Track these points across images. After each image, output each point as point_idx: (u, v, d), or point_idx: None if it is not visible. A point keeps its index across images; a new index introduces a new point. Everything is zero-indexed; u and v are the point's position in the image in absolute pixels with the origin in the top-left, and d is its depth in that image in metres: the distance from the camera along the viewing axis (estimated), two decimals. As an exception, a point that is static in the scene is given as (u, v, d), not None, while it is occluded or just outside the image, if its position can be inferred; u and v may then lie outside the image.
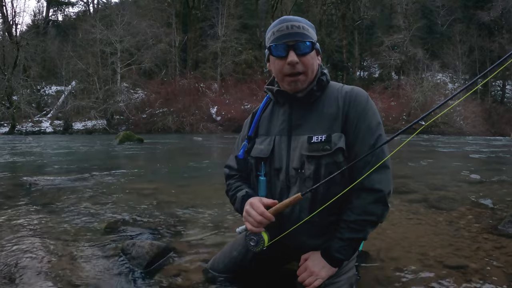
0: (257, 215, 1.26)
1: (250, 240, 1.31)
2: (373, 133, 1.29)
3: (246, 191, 1.41)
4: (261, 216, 1.26)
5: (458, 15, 33.92)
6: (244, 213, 1.32)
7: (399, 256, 1.83)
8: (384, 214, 1.31)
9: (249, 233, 1.31)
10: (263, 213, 1.26)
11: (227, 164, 1.58)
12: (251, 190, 1.42)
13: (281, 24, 1.31)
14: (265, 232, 1.31)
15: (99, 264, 1.74)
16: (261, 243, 1.30)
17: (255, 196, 1.35)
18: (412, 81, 27.30)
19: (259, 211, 1.26)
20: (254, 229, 1.28)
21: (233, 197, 1.46)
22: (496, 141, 14.92)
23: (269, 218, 1.26)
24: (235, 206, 1.46)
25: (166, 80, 28.80)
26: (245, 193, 1.40)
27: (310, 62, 1.32)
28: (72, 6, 41.64)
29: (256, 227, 1.27)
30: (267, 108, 1.50)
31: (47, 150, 9.89)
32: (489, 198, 3.06)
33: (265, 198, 1.32)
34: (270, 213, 1.27)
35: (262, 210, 1.26)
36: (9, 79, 24.71)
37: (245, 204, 1.33)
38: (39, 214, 2.66)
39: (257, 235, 1.30)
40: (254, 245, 1.31)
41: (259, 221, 1.26)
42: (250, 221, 1.28)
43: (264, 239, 1.30)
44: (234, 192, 1.47)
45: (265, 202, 1.29)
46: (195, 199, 3.23)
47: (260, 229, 1.28)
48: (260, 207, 1.27)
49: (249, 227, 1.29)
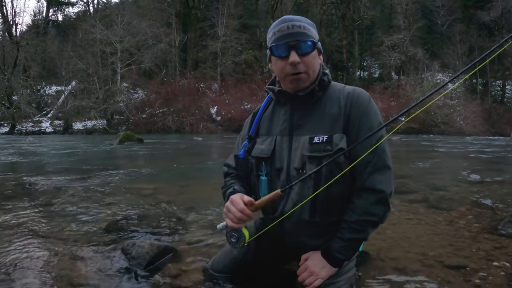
0: (237, 211, 1.25)
1: (231, 236, 1.31)
2: (375, 133, 1.30)
3: (234, 188, 1.41)
4: (241, 212, 1.25)
5: (458, 15, 33.91)
6: (224, 209, 1.32)
7: (399, 256, 1.83)
8: (385, 215, 1.30)
9: (230, 229, 1.31)
10: (243, 210, 1.25)
11: (226, 162, 1.59)
12: (241, 188, 1.42)
13: (282, 24, 1.30)
14: (245, 228, 1.31)
15: (99, 264, 1.74)
16: (242, 239, 1.30)
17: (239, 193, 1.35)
18: (412, 81, 27.29)
19: (239, 207, 1.25)
20: (234, 225, 1.27)
21: (224, 194, 1.47)
22: (496, 141, 14.92)
23: (248, 215, 1.26)
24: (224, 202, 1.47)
25: (166, 80, 28.78)
26: (232, 190, 1.40)
27: (311, 61, 1.31)
28: (72, 6, 41.68)
29: (236, 223, 1.27)
30: (268, 108, 1.50)
31: (47, 150, 9.89)
32: (489, 198, 3.06)
33: (245, 196, 1.31)
34: (251, 210, 1.26)
35: (242, 207, 1.25)
36: (9, 79, 24.71)
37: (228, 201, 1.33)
38: (39, 214, 2.66)
39: (238, 232, 1.30)
40: (235, 242, 1.31)
41: (238, 217, 1.25)
42: (230, 217, 1.28)
43: (245, 235, 1.30)
44: (225, 189, 1.47)
45: (246, 199, 1.29)
46: (195, 199, 3.23)
47: (240, 225, 1.28)
48: (240, 203, 1.26)
49: (229, 223, 1.28)
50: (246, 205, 1.27)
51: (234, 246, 1.32)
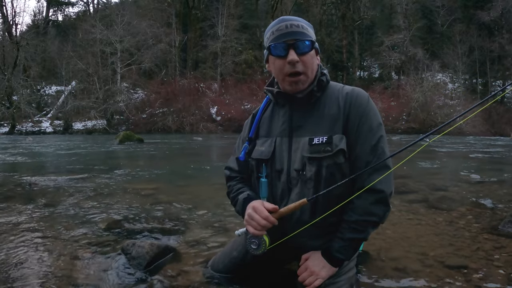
0: (261, 219, 1.26)
1: (251, 243, 1.32)
2: (374, 134, 1.30)
3: (248, 193, 1.41)
4: (266, 220, 1.25)
5: (458, 15, 33.90)
6: (246, 217, 1.31)
7: (399, 256, 1.83)
8: (385, 215, 1.30)
9: (250, 236, 1.31)
10: (268, 217, 1.26)
11: (228, 165, 1.58)
12: (253, 193, 1.42)
13: (280, 24, 1.31)
14: (266, 235, 1.31)
15: (99, 264, 1.74)
16: (263, 245, 1.30)
17: (257, 200, 1.35)
18: (412, 81, 27.28)
19: (263, 215, 1.26)
20: (257, 232, 1.28)
21: (234, 199, 1.46)
22: (496, 141, 14.92)
23: (273, 222, 1.26)
24: (236, 208, 1.46)
25: (166, 80, 28.80)
26: (247, 196, 1.40)
27: (310, 61, 1.31)
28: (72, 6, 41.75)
29: (259, 230, 1.27)
30: (267, 109, 1.50)
31: (47, 150, 9.89)
32: (489, 198, 3.06)
33: (266, 202, 1.31)
34: (275, 217, 1.27)
35: (267, 215, 1.26)
36: (9, 79, 24.72)
37: (247, 208, 1.33)
38: (39, 214, 2.66)
39: (259, 238, 1.30)
40: (256, 248, 1.31)
41: (263, 225, 1.26)
42: (253, 225, 1.28)
43: (266, 242, 1.30)
44: (235, 194, 1.46)
45: (267, 206, 1.29)
46: (195, 199, 3.23)
47: (262, 232, 1.28)
48: (264, 211, 1.26)
49: (252, 231, 1.28)
50: (270, 212, 1.27)
51: (255, 252, 1.32)
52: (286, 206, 1.28)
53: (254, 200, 1.35)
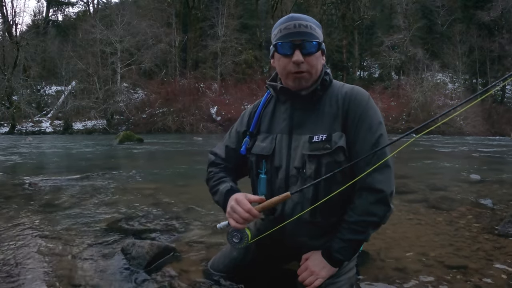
0: (244, 212, 1.24)
1: (233, 236, 1.30)
2: (374, 132, 1.29)
3: (230, 185, 1.40)
4: (248, 213, 1.24)
5: (458, 15, 33.87)
6: (228, 209, 1.30)
7: (399, 256, 1.83)
8: (386, 215, 1.29)
9: (232, 229, 1.30)
10: (250, 210, 1.24)
11: (213, 151, 1.56)
12: (235, 185, 1.41)
13: (289, 22, 1.30)
14: (248, 229, 1.30)
15: (99, 264, 1.74)
16: (245, 239, 1.29)
17: (239, 192, 1.34)
18: (412, 81, 27.28)
19: (246, 208, 1.25)
20: (239, 225, 1.26)
21: (215, 188, 1.44)
22: (496, 141, 14.92)
23: (255, 215, 1.25)
24: (216, 198, 1.44)
25: (166, 80, 28.78)
26: (230, 188, 1.38)
27: (315, 62, 1.31)
28: (72, 6, 41.66)
29: (241, 223, 1.26)
30: (269, 104, 1.49)
31: (47, 150, 9.89)
32: (489, 198, 3.06)
33: (250, 195, 1.30)
34: (257, 210, 1.25)
35: (249, 207, 1.25)
36: (9, 79, 24.71)
37: (230, 200, 1.31)
38: (39, 214, 2.66)
39: (241, 232, 1.29)
40: (238, 242, 1.29)
41: (245, 218, 1.24)
42: (235, 218, 1.26)
43: (248, 236, 1.29)
44: (216, 182, 1.44)
45: (251, 198, 1.28)
46: (195, 199, 3.23)
47: (244, 225, 1.27)
48: (247, 204, 1.25)
49: (233, 224, 1.27)
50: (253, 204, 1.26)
51: (236, 246, 1.31)
52: (269, 200, 1.26)
53: (236, 192, 1.34)
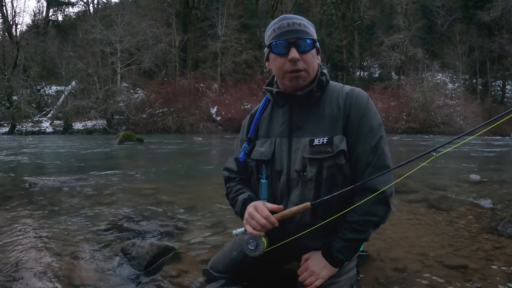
0: (261, 218, 1.23)
1: (248, 243, 1.28)
2: (375, 134, 1.29)
3: (248, 194, 1.39)
4: (266, 220, 1.23)
5: (458, 15, 33.89)
6: (246, 216, 1.29)
7: (399, 256, 1.83)
8: (386, 215, 1.30)
9: (249, 236, 1.28)
10: (268, 217, 1.23)
11: (227, 166, 1.56)
12: (253, 194, 1.40)
13: (282, 22, 1.30)
14: (264, 236, 1.28)
15: (99, 264, 1.74)
16: (261, 247, 1.27)
17: (258, 200, 1.33)
18: (412, 81, 27.30)
19: (264, 214, 1.24)
20: (255, 232, 1.25)
21: (234, 200, 1.44)
22: (496, 141, 14.92)
23: (273, 222, 1.24)
24: (235, 209, 1.44)
25: (166, 80, 28.81)
26: (247, 196, 1.38)
27: (310, 60, 1.30)
28: (72, 6, 41.70)
29: (258, 230, 1.25)
30: (267, 109, 1.48)
31: (47, 150, 9.89)
32: (489, 198, 3.06)
33: (268, 203, 1.29)
34: (276, 218, 1.24)
35: (267, 214, 1.24)
36: (9, 79, 24.71)
37: (248, 207, 1.31)
38: (39, 214, 2.66)
39: (257, 239, 1.27)
40: (253, 249, 1.28)
41: (263, 224, 1.23)
42: (252, 224, 1.25)
43: (264, 243, 1.27)
44: (235, 195, 1.44)
45: (269, 206, 1.27)
46: (195, 199, 3.23)
47: (261, 232, 1.26)
48: (265, 210, 1.25)
49: (250, 230, 1.26)
50: (272, 212, 1.25)
51: (251, 254, 1.29)
52: (289, 209, 1.25)
53: (255, 200, 1.34)
